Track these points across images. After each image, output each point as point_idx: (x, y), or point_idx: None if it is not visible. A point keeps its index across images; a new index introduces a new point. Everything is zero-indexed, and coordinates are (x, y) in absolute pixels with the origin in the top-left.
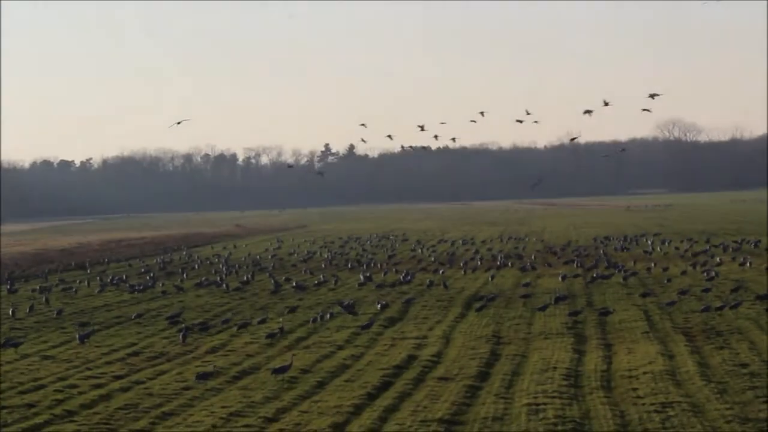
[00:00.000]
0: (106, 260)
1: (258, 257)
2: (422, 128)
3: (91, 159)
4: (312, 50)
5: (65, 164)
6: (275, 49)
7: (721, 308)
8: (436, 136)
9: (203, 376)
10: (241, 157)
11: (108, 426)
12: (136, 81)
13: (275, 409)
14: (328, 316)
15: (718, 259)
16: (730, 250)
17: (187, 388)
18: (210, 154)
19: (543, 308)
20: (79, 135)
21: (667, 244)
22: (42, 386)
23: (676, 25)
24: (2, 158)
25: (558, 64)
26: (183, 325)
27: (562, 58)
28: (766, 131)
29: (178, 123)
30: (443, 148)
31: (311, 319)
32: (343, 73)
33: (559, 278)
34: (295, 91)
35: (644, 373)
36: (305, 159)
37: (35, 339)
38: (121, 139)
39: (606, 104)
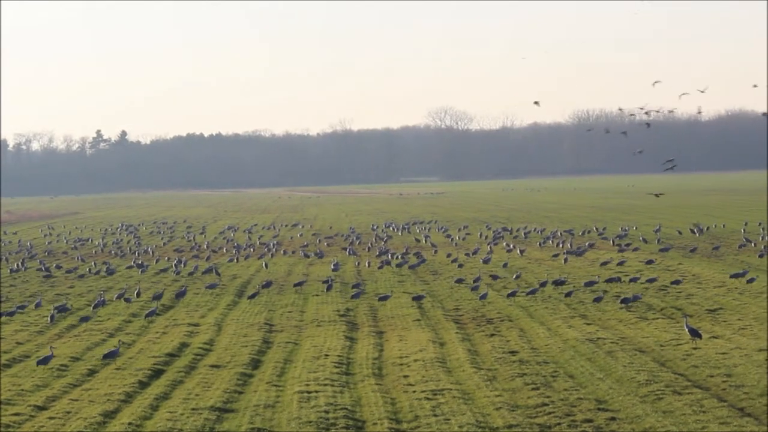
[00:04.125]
0: None
1: (29, 244)
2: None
3: None
4: (83, 35)
5: None
6: (45, 34)
7: (481, 293)
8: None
9: (44, 361)
10: (11, 144)
11: None
12: None
13: (45, 398)
14: (99, 304)
15: (489, 247)
16: (504, 237)
17: None
18: None
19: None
20: None
21: (439, 231)
22: None
23: (458, 16)
24: None
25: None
26: None
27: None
28: (534, 121)
29: None
30: (215, 135)
31: (82, 307)
32: (112, 56)
33: (331, 266)
34: (66, 75)
35: (415, 360)
36: (77, 145)
37: None
38: None
39: None
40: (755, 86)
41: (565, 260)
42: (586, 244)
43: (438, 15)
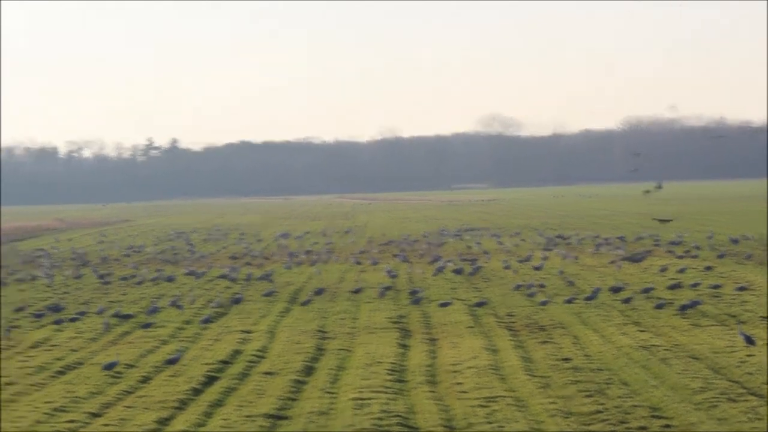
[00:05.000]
0: None
1: (82, 251)
2: None
3: None
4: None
5: None
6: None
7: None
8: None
9: (109, 366)
10: (62, 151)
11: None
12: None
13: (99, 404)
14: (152, 311)
15: (541, 254)
16: (558, 244)
17: (9, 384)
18: (30, 146)
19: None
20: None
21: (491, 238)
22: None
23: (496, 22)
24: None
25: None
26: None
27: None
28: (585, 127)
29: None
30: (266, 142)
31: (135, 314)
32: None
33: (385, 272)
34: (117, 83)
35: (469, 367)
36: (128, 153)
37: None
38: None
39: None
40: None
41: (620, 267)
42: (643, 250)
43: (488, 20)
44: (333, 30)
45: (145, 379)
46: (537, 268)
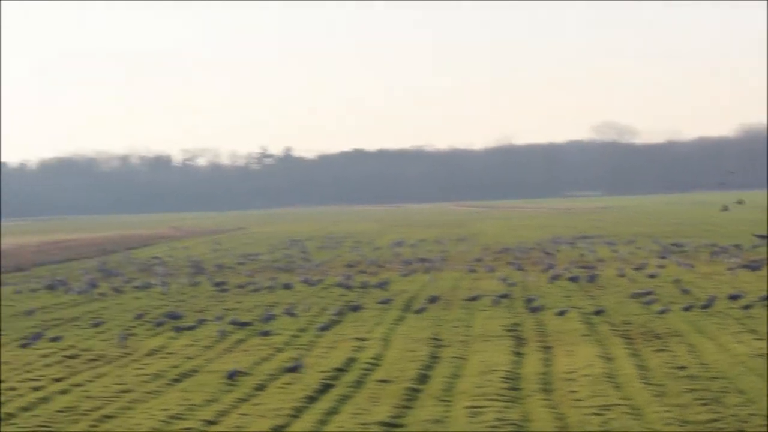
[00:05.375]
0: (44, 262)
1: (197, 259)
2: None
3: (27, 160)
4: (248, 51)
5: (1, 165)
6: (210, 49)
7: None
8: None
9: (232, 375)
10: (177, 159)
11: (47, 429)
12: (69, 81)
13: (215, 412)
14: (267, 319)
15: (659, 262)
16: (672, 252)
17: (126, 391)
18: (146, 155)
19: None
20: (15, 135)
21: (605, 245)
22: None
23: (609, 29)
24: None
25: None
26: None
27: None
28: (701, 134)
29: None
30: (380, 150)
31: (250, 321)
32: (278, 75)
33: (499, 280)
34: (231, 92)
35: (583, 375)
36: (243, 161)
37: None
38: (58, 140)
39: None
40: None
41: (737, 274)
42: (760, 258)
43: (602, 28)
44: (448, 37)
45: (261, 387)
46: (652, 276)
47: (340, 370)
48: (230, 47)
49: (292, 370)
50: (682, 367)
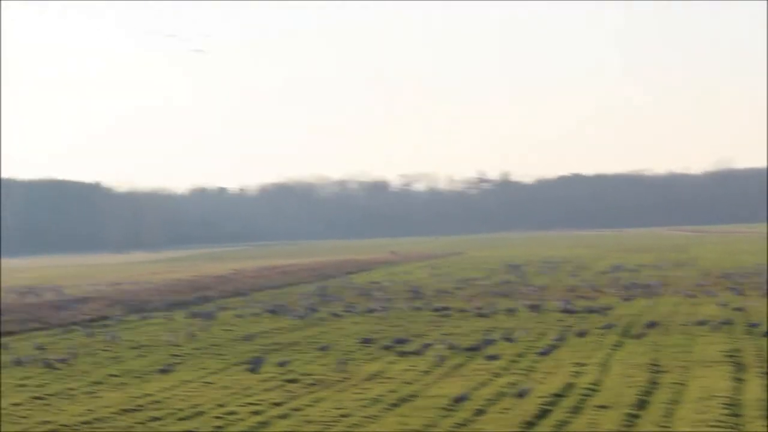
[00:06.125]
0: (263, 287)
1: (415, 284)
2: None
3: (246, 186)
4: (461, 78)
5: (222, 191)
6: (425, 75)
7: None
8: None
9: (460, 399)
10: (395, 184)
11: None
12: (289, 111)
13: None
14: (485, 344)
15: None
16: None
17: (345, 416)
18: (364, 180)
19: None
20: (235, 162)
21: None
22: (201, 413)
23: None
24: (158, 185)
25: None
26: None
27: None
28: None
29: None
30: (598, 174)
31: (469, 347)
32: (492, 100)
33: (719, 305)
34: (449, 117)
35: None
36: (460, 185)
37: (194, 365)
38: (276, 166)
39: None
40: None
41: None
42: None
43: None
44: (654, 58)
45: (480, 412)
46: None
47: (558, 395)
48: (448, 73)
49: (516, 395)
50: None
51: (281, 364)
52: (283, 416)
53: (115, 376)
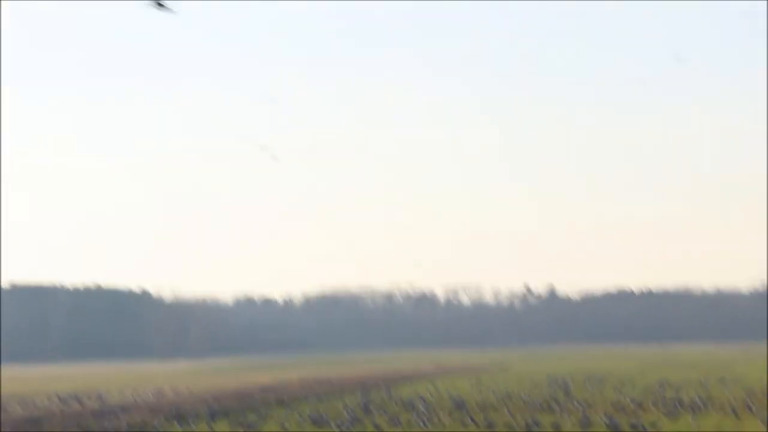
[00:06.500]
0: (306, 397)
1: (459, 397)
2: None
3: (292, 297)
4: (511, 183)
5: (268, 301)
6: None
7: None
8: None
9: None
10: (440, 295)
11: None
12: (335, 221)
13: None
14: None
15: None
16: None
17: None
18: (410, 292)
19: None
20: (281, 272)
21: None
22: None
23: None
24: (204, 292)
25: None
26: None
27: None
28: None
29: None
30: (645, 291)
31: None
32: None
33: (763, 422)
34: (496, 228)
35: None
36: (506, 299)
37: None
38: (322, 276)
39: None
40: None
41: None
42: None
43: None
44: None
45: None
46: None
47: None
48: (492, 181)
49: None
50: None
51: None
52: None
53: None
